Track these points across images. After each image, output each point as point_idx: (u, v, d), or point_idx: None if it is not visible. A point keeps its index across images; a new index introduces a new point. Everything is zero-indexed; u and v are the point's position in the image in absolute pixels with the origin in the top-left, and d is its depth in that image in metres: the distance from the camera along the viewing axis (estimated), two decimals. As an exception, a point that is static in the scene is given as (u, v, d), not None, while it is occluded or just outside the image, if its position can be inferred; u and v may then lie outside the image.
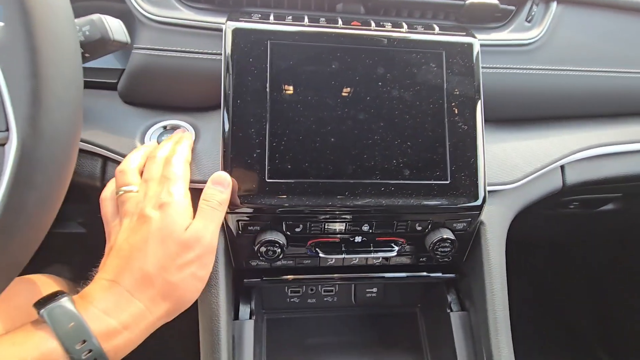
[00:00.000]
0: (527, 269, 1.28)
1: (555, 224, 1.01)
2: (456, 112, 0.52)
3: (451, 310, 0.63)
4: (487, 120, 0.57)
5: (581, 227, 1.04)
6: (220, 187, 0.47)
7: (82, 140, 0.53)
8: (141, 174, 0.48)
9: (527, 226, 0.75)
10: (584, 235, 1.13)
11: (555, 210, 0.86)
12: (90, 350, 0.37)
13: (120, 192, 0.47)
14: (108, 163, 0.54)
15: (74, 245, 0.96)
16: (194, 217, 0.46)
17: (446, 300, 0.64)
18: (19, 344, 0.36)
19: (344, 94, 0.50)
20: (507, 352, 0.52)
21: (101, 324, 0.39)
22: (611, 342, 1.13)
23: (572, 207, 0.84)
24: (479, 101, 0.53)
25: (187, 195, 0.46)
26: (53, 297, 0.39)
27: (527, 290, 1.28)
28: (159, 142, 0.54)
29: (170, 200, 0.44)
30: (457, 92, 0.52)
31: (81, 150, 0.53)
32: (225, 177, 0.48)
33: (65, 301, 0.39)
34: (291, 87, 0.49)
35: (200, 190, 0.53)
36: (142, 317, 0.41)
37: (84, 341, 0.37)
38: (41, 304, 0.39)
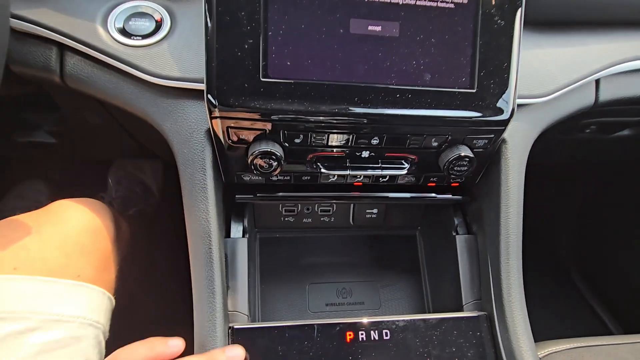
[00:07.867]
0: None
1: (560, 150, 0.97)
2: (493, 2, 0.43)
3: (457, 234, 0.59)
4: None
5: (585, 154, 1.00)
6: None
7: (29, 21, 0.42)
8: None
9: (534, 150, 0.70)
10: (582, 163, 1.10)
11: (568, 135, 0.81)
12: None
13: None
14: (65, 52, 0.44)
15: (47, 157, 0.89)
16: None
17: (452, 223, 0.60)
18: None
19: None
20: (516, 278, 0.50)
21: None
22: (588, 270, 1.17)
23: (588, 131, 0.78)
24: (522, -10, 0.43)
25: None
26: None
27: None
28: (125, 28, 0.44)
29: None
30: (497, -23, 0.42)
31: (29, 35, 0.43)
32: None
33: None
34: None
35: (182, 90, 0.45)
36: None
37: None
38: None
